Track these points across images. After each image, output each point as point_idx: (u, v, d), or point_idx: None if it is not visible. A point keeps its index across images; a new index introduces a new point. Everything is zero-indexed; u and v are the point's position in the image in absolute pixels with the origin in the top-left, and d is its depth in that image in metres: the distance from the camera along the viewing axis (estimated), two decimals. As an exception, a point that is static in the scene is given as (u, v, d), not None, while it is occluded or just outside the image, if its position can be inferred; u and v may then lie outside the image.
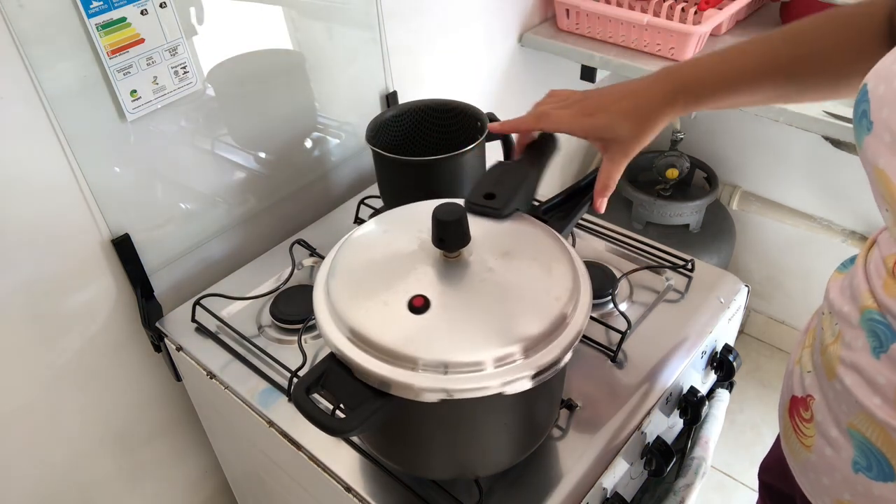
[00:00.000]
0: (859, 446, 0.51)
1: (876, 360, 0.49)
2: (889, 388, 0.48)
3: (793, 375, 0.62)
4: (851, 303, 0.53)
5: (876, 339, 0.49)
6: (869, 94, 0.46)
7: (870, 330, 0.50)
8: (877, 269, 0.51)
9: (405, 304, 0.53)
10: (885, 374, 0.48)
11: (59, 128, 0.73)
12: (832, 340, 0.55)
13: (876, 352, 0.49)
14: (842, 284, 0.57)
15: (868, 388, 0.50)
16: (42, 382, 0.84)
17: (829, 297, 0.57)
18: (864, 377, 0.50)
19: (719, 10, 1.20)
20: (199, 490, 1.13)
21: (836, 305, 0.55)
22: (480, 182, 0.64)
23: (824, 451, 0.55)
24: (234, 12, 0.85)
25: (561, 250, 0.58)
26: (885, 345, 0.48)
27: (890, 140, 0.43)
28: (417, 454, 0.61)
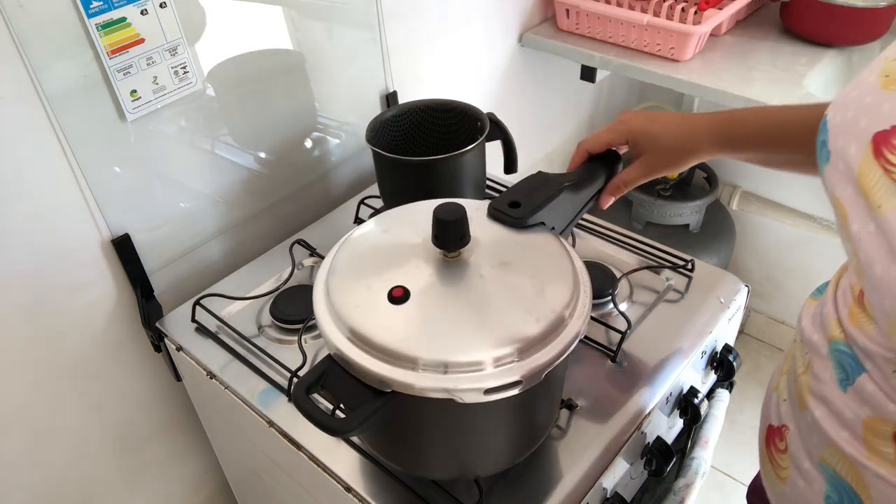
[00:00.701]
0: (831, 480, 0.51)
1: (843, 392, 0.48)
2: (856, 423, 0.47)
3: (770, 403, 0.62)
4: (820, 331, 0.53)
5: (843, 371, 0.49)
6: (828, 123, 0.46)
7: (836, 361, 0.49)
8: (844, 297, 0.51)
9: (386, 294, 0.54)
10: (853, 407, 0.48)
11: (59, 128, 0.73)
12: (803, 370, 0.54)
13: (843, 384, 0.49)
14: (813, 312, 0.56)
15: (836, 422, 0.49)
16: (42, 382, 0.84)
17: (801, 324, 0.57)
18: (832, 410, 0.50)
19: (719, 10, 1.20)
20: (199, 490, 1.13)
21: (807, 333, 0.55)
22: (511, 189, 0.64)
23: (798, 483, 0.54)
24: (234, 12, 0.85)
25: (566, 275, 0.57)
26: (850, 377, 0.48)
27: (844, 169, 0.43)
28: (417, 454, 0.61)
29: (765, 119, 0.64)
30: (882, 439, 0.46)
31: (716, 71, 1.18)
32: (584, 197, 0.69)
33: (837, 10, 1.19)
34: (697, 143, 0.65)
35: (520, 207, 0.62)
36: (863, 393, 0.46)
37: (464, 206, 0.55)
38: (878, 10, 1.20)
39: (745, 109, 0.66)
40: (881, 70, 0.43)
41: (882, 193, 0.40)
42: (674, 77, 1.18)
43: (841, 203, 0.44)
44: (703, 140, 0.65)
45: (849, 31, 1.23)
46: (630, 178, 0.69)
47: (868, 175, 0.41)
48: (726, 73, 1.17)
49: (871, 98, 0.42)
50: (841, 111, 0.45)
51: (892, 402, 0.44)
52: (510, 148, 0.93)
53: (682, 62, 1.21)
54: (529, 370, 0.50)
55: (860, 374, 0.47)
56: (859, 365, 0.47)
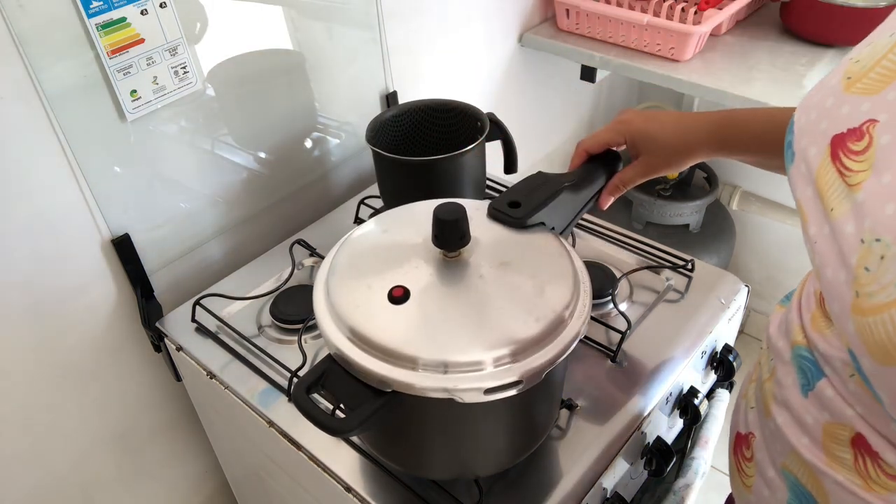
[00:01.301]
0: (792, 488, 0.51)
1: (804, 398, 0.48)
2: (816, 429, 0.47)
3: (739, 411, 0.62)
4: (785, 338, 0.53)
5: (804, 377, 0.49)
6: (794, 125, 0.46)
7: (798, 366, 0.49)
8: (807, 303, 0.51)
9: (386, 294, 0.54)
10: (813, 413, 0.47)
11: (59, 128, 0.73)
12: (768, 377, 0.54)
13: (804, 389, 0.48)
14: (780, 318, 0.56)
15: (797, 428, 0.49)
16: (42, 382, 0.84)
17: (768, 331, 0.57)
18: (794, 416, 0.49)
19: (719, 10, 1.20)
20: (199, 490, 1.13)
21: (773, 340, 0.55)
22: (511, 189, 0.64)
23: (762, 492, 0.54)
24: (234, 12, 0.85)
25: (566, 275, 0.57)
26: (811, 382, 0.48)
27: (805, 171, 0.43)
28: (417, 454, 0.61)
29: (762, 121, 0.64)
30: (840, 445, 0.45)
31: (716, 71, 1.18)
32: (584, 197, 0.69)
33: (837, 10, 1.19)
34: (695, 144, 0.65)
35: (520, 207, 0.62)
36: (822, 398, 0.46)
37: (464, 206, 0.55)
38: (878, 10, 1.20)
39: (744, 110, 0.65)
40: (844, 72, 0.43)
41: (835, 197, 0.40)
42: (674, 77, 1.18)
43: (801, 205, 0.44)
44: (701, 140, 0.65)
45: (849, 31, 1.23)
46: (628, 177, 0.69)
47: (824, 177, 0.41)
48: (726, 73, 1.17)
49: (833, 100, 0.42)
50: (805, 113, 0.45)
51: (849, 407, 0.44)
52: (510, 148, 0.93)
53: (682, 62, 1.21)
54: (529, 370, 0.50)
55: (820, 379, 0.47)
56: (819, 370, 0.47)
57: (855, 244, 0.38)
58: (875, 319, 0.36)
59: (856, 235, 0.38)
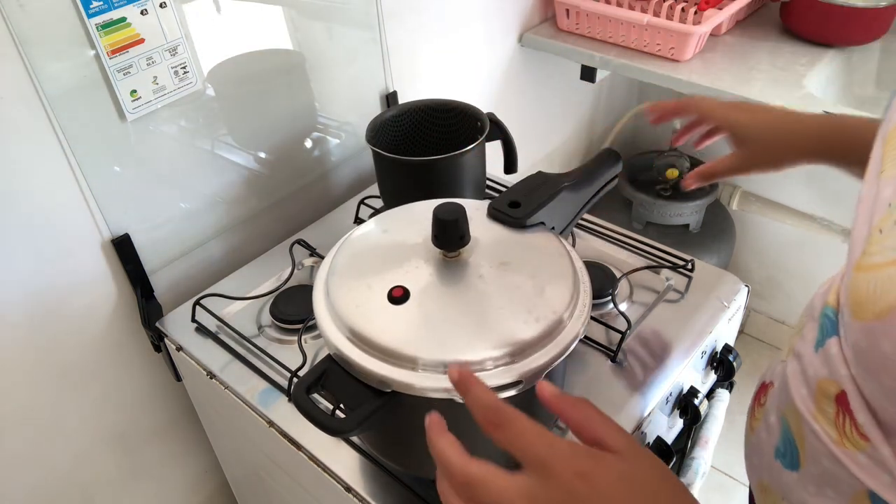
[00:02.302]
0: (784, 434, 0.52)
1: (814, 353, 0.50)
2: (814, 382, 0.49)
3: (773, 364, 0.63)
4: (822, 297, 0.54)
5: (821, 334, 0.50)
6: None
7: (820, 324, 0.51)
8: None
9: (386, 294, 0.54)
10: (816, 367, 0.49)
11: (59, 128, 0.73)
12: (796, 332, 0.56)
13: (817, 346, 0.50)
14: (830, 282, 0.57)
15: (801, 378, 0.51)
16: (42, 382, 0.84)
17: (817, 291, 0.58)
18: (801, 367, 0.51)
19: (719, 10, 1.20)
20: (199, 490, 1.13)
21: (814, 300, 0.56)
22: (511, 189, 0.64)
23: (761, 434, 0.56)
24: (234, 12, 0.85)
25: (565, 274, 0.57)
26: (824, 339, 0.49)
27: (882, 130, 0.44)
28: (418, 454, 0.61)
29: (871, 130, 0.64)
30: (827, 399, 0.47)
31: (716, 71, 1.18)
32: (584, 197, 0.69)
33: (837, 10, 1.19)
34: (804, 147, 0.63)
35: (520, 207, 0.62)
36: (827, 355, 0.48)
37: (464, 206, 0.55)
38: (878, 10, 1.20)
39: (851, 118, 0.64)
40: None
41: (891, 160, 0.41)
42: (674, 77, 1.18)
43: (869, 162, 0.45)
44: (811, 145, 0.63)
45: (849, 31, 1.23)
46: (724, 167, 0.67)
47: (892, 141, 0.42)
48: (726, 73, 1.17)
49: None
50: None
51: (844, 367, 0.45)
52: (510, 148, 0.93)
53: (682, 62, 1.21)
54: (529, 370, 0.50)
55: (831, 336, 0.48)
56: (834, 329, 0.48)
57: (883, 207, 0.39)
58: (865, 276, 0.38)
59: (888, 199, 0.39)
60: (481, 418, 0.38)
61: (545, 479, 0.35)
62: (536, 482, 0.35)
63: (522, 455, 0.37)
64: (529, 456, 0.36)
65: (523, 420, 0.37)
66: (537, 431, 0.37)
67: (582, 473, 0.35)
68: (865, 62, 1.32)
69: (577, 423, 0.38)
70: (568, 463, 0.35)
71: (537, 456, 0.36)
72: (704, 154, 1.71)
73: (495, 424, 0.38)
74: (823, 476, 0.47)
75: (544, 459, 0.36)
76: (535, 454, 0.36)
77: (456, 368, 0.40)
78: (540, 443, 0.36)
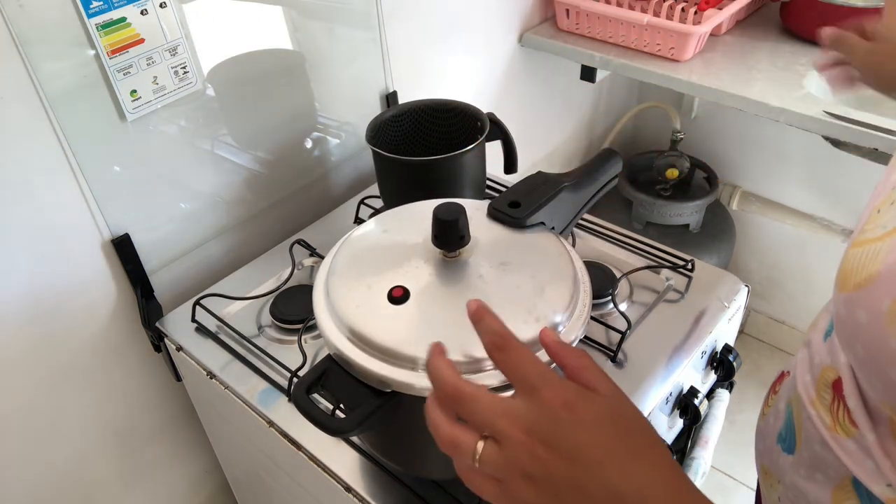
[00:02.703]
0: (787, 419, 0.53)
1: (822, 342, 0.50)
2: (818, 369, 0.49)
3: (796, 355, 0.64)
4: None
5: (831, 325, 0.50)
6: None
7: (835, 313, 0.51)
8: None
9: (386, 294, 0.54)
10: (822, 355, 0.50)
11: (59, 128, 0.73)
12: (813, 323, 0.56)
13: (826, 335, 0.50)
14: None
15: (807, 365, 0.51)
16: (42, 382, 0.84)
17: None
18: (809, 354, 0.52)
19: (719, 10, 1.20)
20: (199, 490, 1.13)
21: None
22: (511, 189, 0.64)
23: (770, 419, 0.57)
24: (234, 12, 0.85)
25: (565, 274, 0.57)
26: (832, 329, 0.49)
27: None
28: (417, 454, 0.61)
29: None
30: (826, 386, 0.48)
31: (716, 71, 1.18)
32: (584, 197, 0.69)
33: (837, 10, 1.19)
34: None
35: (520, 207, 0.62)
36: (833, 344, 0.48)
37: (464, 206, 0.55)
38: (879, 10, 1.19)
39: None
40: None
41: None
42: (674, 77, 1.18)
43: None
44: None
45: (849, 31, 1.23)
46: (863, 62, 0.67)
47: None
48: (726, 73, 1.17)
49: None
50: None
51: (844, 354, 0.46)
52: (510, 148, 0.93)
53: (682, 62, 1.21)
54: (529, 370, 0.50)
55: None
56: None
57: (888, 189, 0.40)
58: (854, 251, 0.40)
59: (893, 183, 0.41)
60: (488, 341, 0.40)
61: (531, 403, 0.37)
62: (523, 404, 0.37)
63: (515, 378, 0.39)
64: (521, 379, 0.38)
65: (525, 350, 0.39)
66: (534, 360, 0.39)
67: (568, 403, 0.37)
68: (865, 62, 1.32)
69: (574, 369, 0.40)
70: (556, 391, 0.37)
71: (528, 380, 0.38)
72: (705, 154, 1.71)
73: (498, 347, 0.40)
74: (814, 460, 0.48)
75: (534, 384, 0.37)
76: (526, 378, 0.38)
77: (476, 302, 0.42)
78: (534, 370, 0.38)
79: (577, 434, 0.36)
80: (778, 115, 1.09)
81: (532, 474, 0.36)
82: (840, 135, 1.06)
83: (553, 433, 0.36)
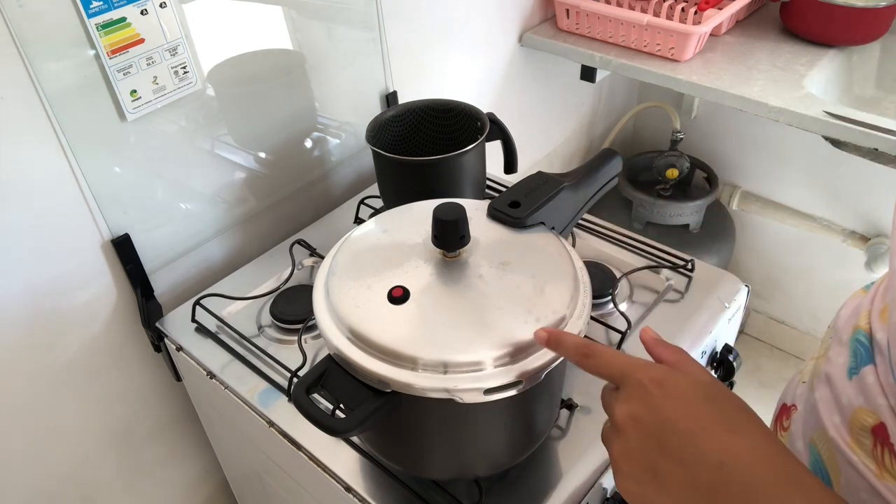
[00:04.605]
0: (814, 462, 0.51)
1: (848, 380, 0.49)
2: (848, 410, 0.48)
3: (790, 384, 0.63)
4: (851, 320, 0.53)
5: (854, 360, 0.49)
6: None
7: (853, 349, 0.50)
8: (883, 294, 0.51)
9: (386, 294, 0.54)
10: (850, 395, 0.48)
11: (59, 128, 0.73)
12: (821, 354, 0.55)
13: (850, 372, 0.49)
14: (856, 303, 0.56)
15: (833, 405, 0.50)
16: (42, 382, 0.84)
17: (840, 311, 0.58)
18: (833, 394, 0.50)
19: (719, 10, 1.20)
20: (199, 490, 1.13)
21: (840, 321, 0.55)
22: (511, 189, 0.64)
23: None
24: (234, 12, 0.85)
25: (565, 274, 0.57)
26: (858, 367, 0.48)
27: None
28: (417, 454, 0.61)
29: None
30: (864, 430, 0.46)
31: (716, 71, 1.18)
32: (584, 197, 0.69)
33: (837, 10, 1.19)
34: None
35: (520, 207, 0.62)
36: (863, 383, 0.47)
37: (464, 206, 0.55)
38: (878, 10, 1.20)
39: None
40: None
41: None
42: (674, 77, 1.18)
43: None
44: None
45: (849, 31, 1.23)
46: None
47: None
48: (726, 73, 1.17)
49: None
50: None
51: (883, 397, 0.45)
52: (510, 148, 0.93)
53: (682, 62, 1.21)
54: (529, 370, 0.50)
55: (867, 364, 0.47)
56: (870, 356, 0.47)
57: None
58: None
59: None
60: (573, 357, 0.46)
61: (624, 388, 0.41)
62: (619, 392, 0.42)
63: (609, 375, 0.43)
64: (613, 374, 0.43)
65: (608, 349, 0.44)
66: (619, 354, 0.44)
67: (657, 380, 0.40)
68: (865, 62, 1.32)
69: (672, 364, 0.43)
70: (646, 372, 0.41)
71: (618, 370, 0.42)
72: (705, 154, 1.71)
73: (585, 355, 0.45)
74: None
75: (624, 372, 0.42)
76: (616, 370, 0.42)
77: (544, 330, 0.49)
78: (620, 362, 0.43)
79: (665, 407, 0.38)
80: (778, 115, 1.09)
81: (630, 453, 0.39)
82: (840, 135, 1.06)
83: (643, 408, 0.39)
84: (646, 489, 0.38)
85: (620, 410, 0.40)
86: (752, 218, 1.76)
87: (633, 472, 0.39)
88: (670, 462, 0.37)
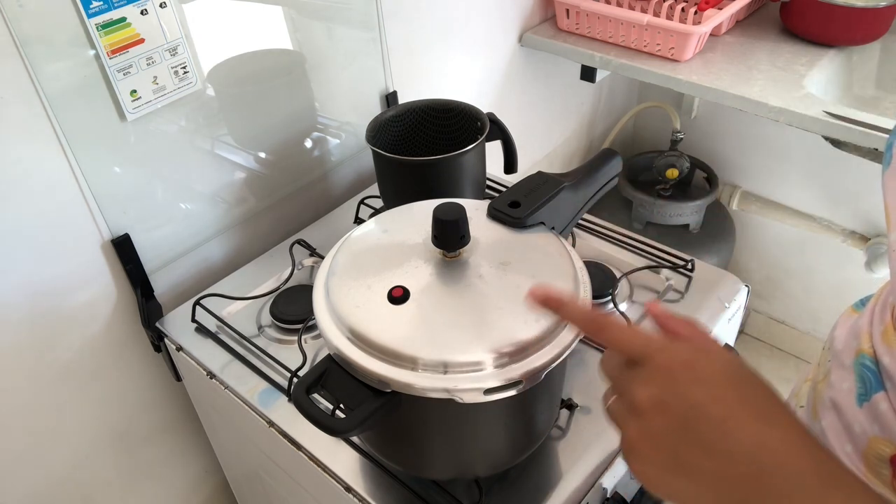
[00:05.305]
0: None
1: (858, 407, 0.48)
2: (862, 439, 0.46)
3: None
4: (850, 343, 0.52)
5: (862, 386, 0.48)
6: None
7: (859, 375, 0.49)
8: (882, 314, 0.50)
9: (386, 294, 0.54)
10: (862, 423, 0.47)
11: (59, 128, 0.73)
12: (822, 378, 0.54)
13: (860, 399, 0.48)
14: (851, 323, 0.55)
15: (844, 434, 0.48)
16: (42, 382, 0.84)
17: (834, 332, 0.56)
18: (843, 422, 0.49)
19: (719, 10, 1.20)
20: (199, 490, 1.13)
21: (836, 343, 0.54)
22: (511, 189, 0.64)
23: None
24: (234, 12, 0.85)
25: (565, 274, 0.57)
26: (868, 394, 0.47)
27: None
28: (417, 454, 0.61)
29: None
30: (881, 461, 0.45)
31: (716, 71, 1.18)
32: (584, 197, 0.69)
33: (837, 10, 1.19)
34: None
35: (520, 207, 0.62)
36: (876, 411, 0.46)
37: (464, 206, 0.55)
38: (878, 10, 1.20)
39: None
40: None
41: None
42: (674, 77, 1.18)
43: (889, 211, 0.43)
44: None
45: (849, 31, 1.23)
46: None
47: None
48: (726, 73, 1.17)
49: None
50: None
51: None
52: (510, 148, 0.93)
53: (682, 62, 1.21)
54: (529, 370, 0.50)
55: (878, 391, 0.46)
56: (880, 383, 0.46)
57: None
58: None
59: None
60: (584, 324, 0.43)
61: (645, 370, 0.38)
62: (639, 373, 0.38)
63: (628, 351, 0.39)
64: (633, 350, 0.39)
65: (623, 325, 0.41)
66: (637, 332, 0.40)
67: (685, 362, 0.37)
68: (865, 62, 1.32)
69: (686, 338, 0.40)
70: (670, 354, 0.37)
71: (638, 349, 0.39)
72: (705, 154, 1.71)
73: (597, 329, 0.41)
74: None
75: (643, 350, 0.38)
76: (637, 348, 0.39)
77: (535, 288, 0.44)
78: (639, 339, 0.39)
79: (695, 391, 0.35)
80: (778, 115, 1.09)
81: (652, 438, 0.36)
82: (840, 135, 1.06)
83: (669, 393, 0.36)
84: (665, 474, 0.36)
85: (642, 393, 0.37)
86: (752, 218, 1.76)
87: (653, 456, 0.36)
88: (696, 449, 0.35)
